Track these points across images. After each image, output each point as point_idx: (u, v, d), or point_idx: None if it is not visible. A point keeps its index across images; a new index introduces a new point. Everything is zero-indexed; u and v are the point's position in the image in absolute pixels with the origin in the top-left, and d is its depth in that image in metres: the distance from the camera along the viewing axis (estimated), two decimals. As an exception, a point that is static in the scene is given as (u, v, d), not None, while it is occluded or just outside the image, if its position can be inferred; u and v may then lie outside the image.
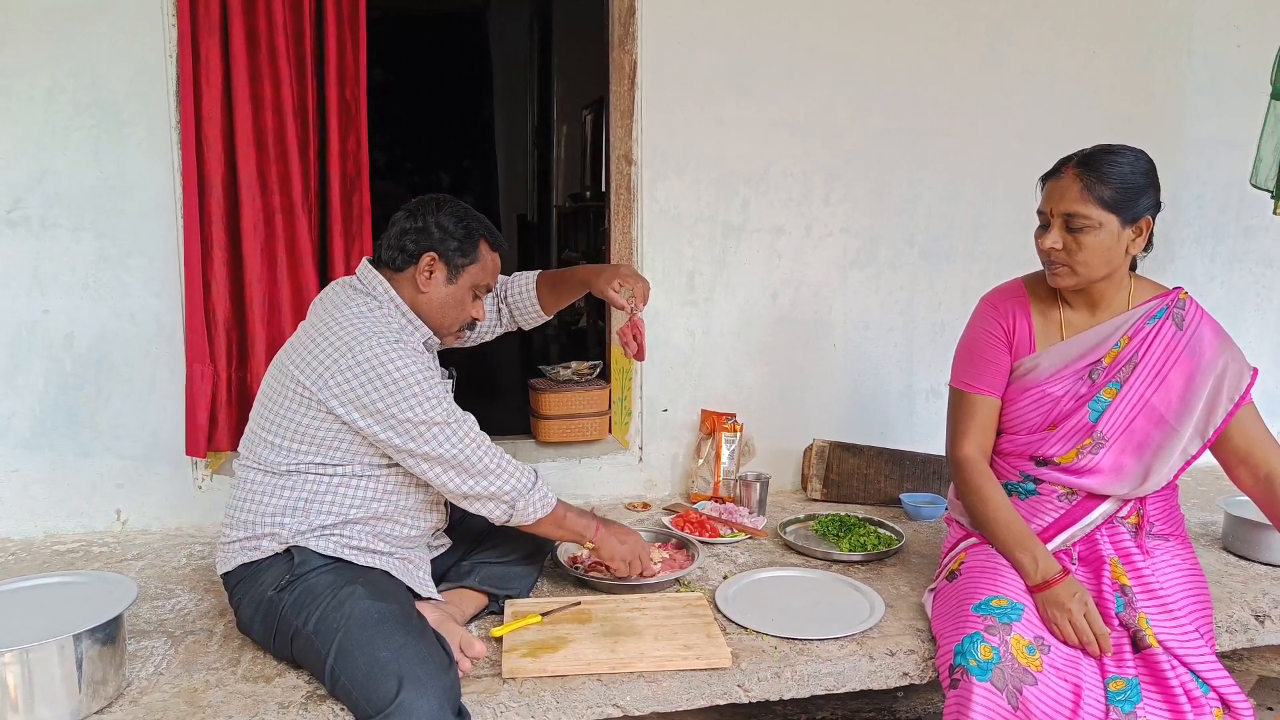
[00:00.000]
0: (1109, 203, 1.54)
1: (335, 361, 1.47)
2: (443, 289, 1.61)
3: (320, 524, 1.53)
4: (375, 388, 1.46)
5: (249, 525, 1.55)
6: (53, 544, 2.13)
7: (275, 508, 1.54)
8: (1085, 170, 1.55)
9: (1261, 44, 2.53)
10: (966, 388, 1.74)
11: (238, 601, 1.57)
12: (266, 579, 1.51)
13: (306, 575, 1.49)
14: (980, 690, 1.38)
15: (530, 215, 6.08)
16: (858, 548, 2.04)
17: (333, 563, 1.52)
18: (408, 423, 1.47)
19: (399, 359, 1.47)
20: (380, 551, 1.58)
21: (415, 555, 1.65)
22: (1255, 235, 2.86)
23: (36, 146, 2.04)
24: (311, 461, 1.53)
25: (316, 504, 1.54)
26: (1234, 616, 1.79)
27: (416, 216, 1.61)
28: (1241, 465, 1.66)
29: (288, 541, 1.52)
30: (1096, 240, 1.55)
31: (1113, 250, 1.57)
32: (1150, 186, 1.58)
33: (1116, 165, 1.55)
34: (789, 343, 2.57)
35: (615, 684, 1.49)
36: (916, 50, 2.50)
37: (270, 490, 1.54)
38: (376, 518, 1.58)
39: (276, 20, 2.01)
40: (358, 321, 1.51)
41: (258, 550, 1.54)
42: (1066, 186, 1.56)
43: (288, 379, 1.52)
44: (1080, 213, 1.54)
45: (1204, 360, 1.62)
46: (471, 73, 5.99)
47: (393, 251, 1.60)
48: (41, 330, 2.11)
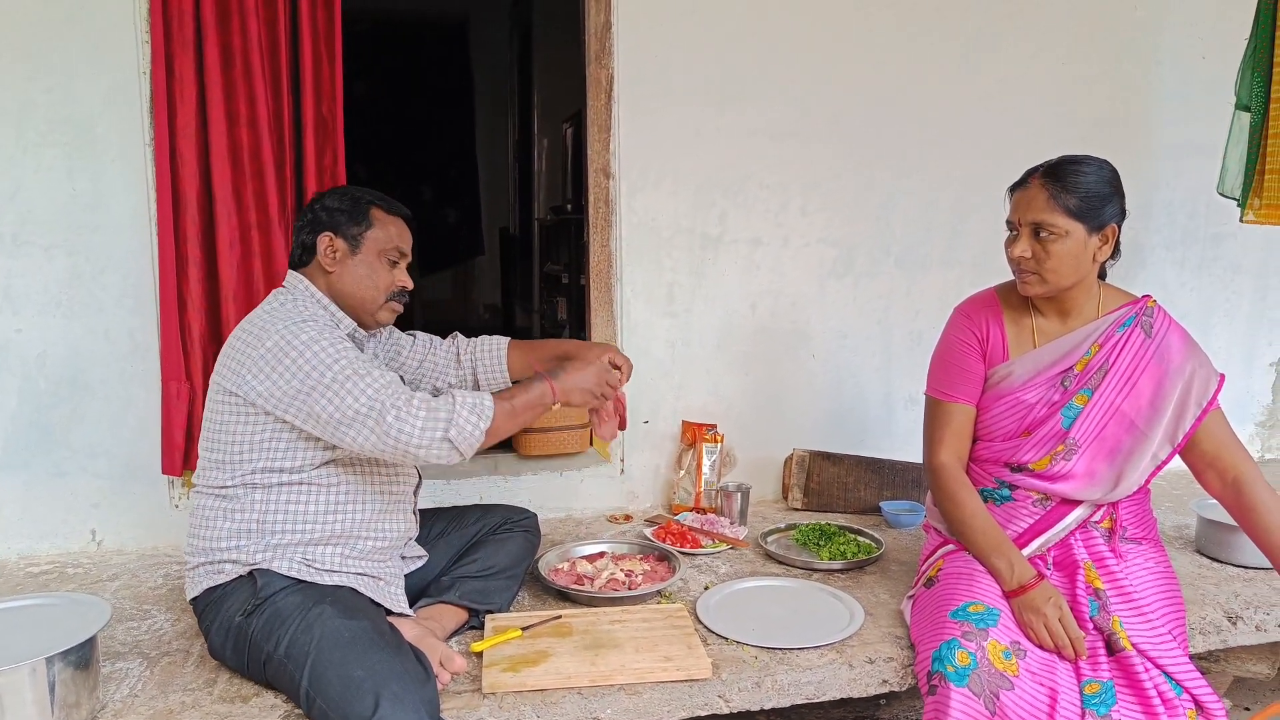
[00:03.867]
0: (1075, 211, 1.57)
1: (247, 354, 1.49)
2: (350, 263, 1.61)
3: (278, 543, 1.52)
4: (283, 362, 1.45)
5: (208, 551, 1.54)
6: (26, 565, 2.10)
7: (230, 531, 1.53)
8: (1051, 180, 1.58)
9: (1226, 54, 2.59)
10: (942, 396, 1.76)
11: (207, 628, 1.55)
12: (232, 604, 1.50)
13: (272, 598, 1.47)
14: (958, 696, 1.39)
15: (512, 228, 6.08)
16: (838, 556, 2.06)
17: (297, 583, 1.50)
18: (319, 385, 1.43)
19: (305, 333, 1.47)
20: (348, 571, 1.56)
21: (387, 571, 1.64)
22: (1223, 242, 2.92)
23: (8, 163, 2.03)
24: (255, 469, 1.52)
25: (269, 523, 1.52)
26: (1207, 618, 1.81)
27: (305, 212, 1.65)
28: (1209, 469, 1.68)
29: (249, 564, 1.51)
30: (1064, 248, 1.58)
31: (1080, 258, 1.60)
32: (1114, 195, 1.61)
33: (1081, 175, 1.58)
34: (768, 353, 2.58)
35: (596, 697, 1.49)
36: (891, 61, 2.53)
37: (222, 514, 1.54)
38: (338, 536, 1.57)
39: (251, 36, 2.01)
40: (269, 315, 1.53)
41: (221, 573, 1.52)
42: (1033, 196, 1.60)
43: (216, 390, 1.55)
44: (1047, 221, 1.57)
45: (1172, 366, 1.65)
46: (452, 86, 6.00)
47: (297, 251, 1.64)
48: (14, 349, 2.09)
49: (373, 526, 1.61)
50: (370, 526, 1.61)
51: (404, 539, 1.71)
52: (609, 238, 2.43)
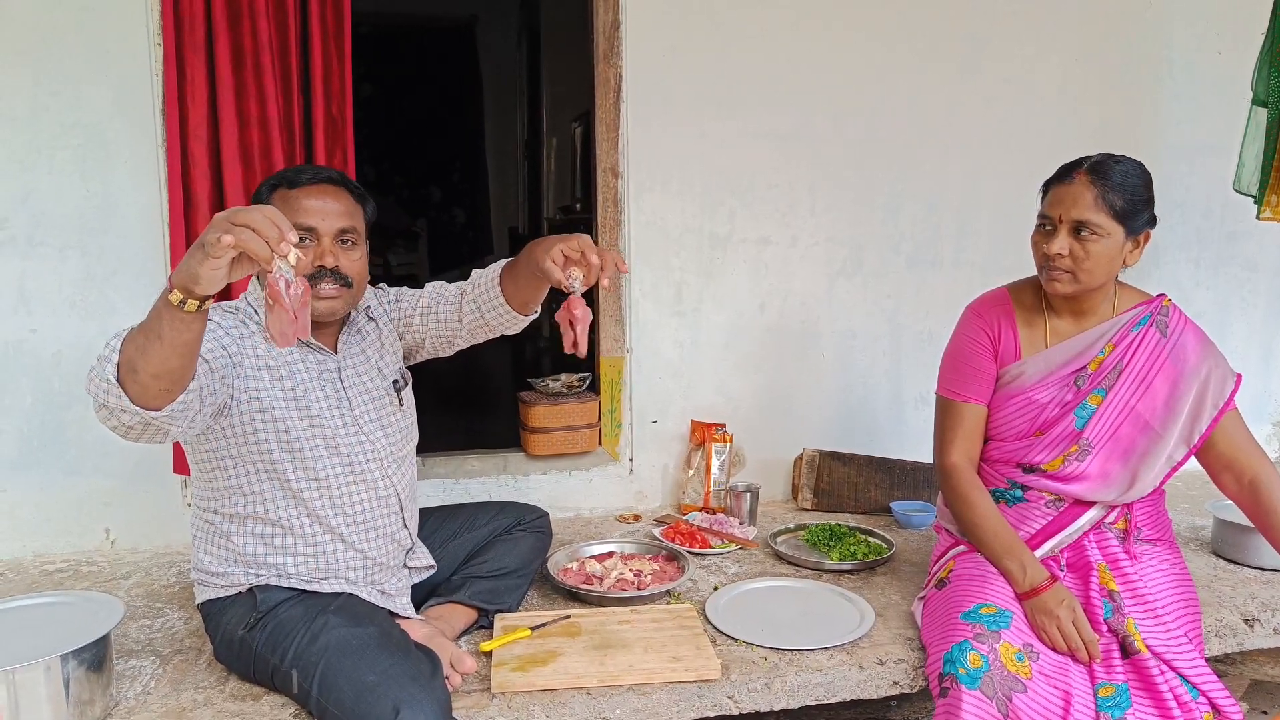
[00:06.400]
0: (1119, 212, 1.54)
1: None
2: None
3: (265, 573, 1.50)
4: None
5: (203, 568, 1.54)
6: (41, 564, 2.12)
7: (218, 558, 1.52)
8: (1099, 178, 1.54)
9: (1241, 50, 2.56)
10: (953, 396, 1.74)
11: (211, 634, 1.55)
12: (233, 617, 1.49)
13: (274, 610, 1.46)
14: (970, 698, 1.38)
15: (521, 227, 6.08)
16: (848, 557, 2.05)
17: (298, 594, 1.49)
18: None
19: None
20: (348, 579, 1.54)
21: (390, 584, 1.61)
22: (1239, 240, 2.89)
23: (21, 166, 2.04)
24: (219, 505, 1.49)
25: (251, 555, 1.49)
26: (1223, 621, 1.79)
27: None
28: (1226, 471, 1.66)
29: (245, 584, 1.50)
30: (1102, 249, 1.55)
31: (1114, 260, 1.58)
32: (1151, 200, 1.60)
33: (1127, 175, 1.55)
34: (777, 352, 2.57)
35: (604, 697, 1.49)
36: (897, 60, 2.52)
37: (211, 540, 1.52)
38: (321, 563, 1.52)
39: (262, 37, 2.02)
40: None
41: (219, 589, 1.52)
42: (1079, 193, 1.55)
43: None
44: (1092, 220, 1.54)
45: (1187, 367, 1.63)
46: (461, 86, 6.01)
47: None
48: (28, 349, 2.10)
49: (352, 550, 1.54)
50: (349, 552, 1.54)
51: (396, 555, 1.63)
52: (617, 237, 2.43)
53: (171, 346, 1.10)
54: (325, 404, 1.51)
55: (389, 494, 1.58)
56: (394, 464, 1.60)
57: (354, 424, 1.54)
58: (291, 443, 1.47)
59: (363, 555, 1.56)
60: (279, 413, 1.47)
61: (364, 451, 1.54)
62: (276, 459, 1.47)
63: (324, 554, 1.52)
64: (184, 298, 1.06)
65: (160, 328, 1.09)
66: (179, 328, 1.09)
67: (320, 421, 1.50)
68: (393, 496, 1.59)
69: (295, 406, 1.48)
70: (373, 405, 1.58)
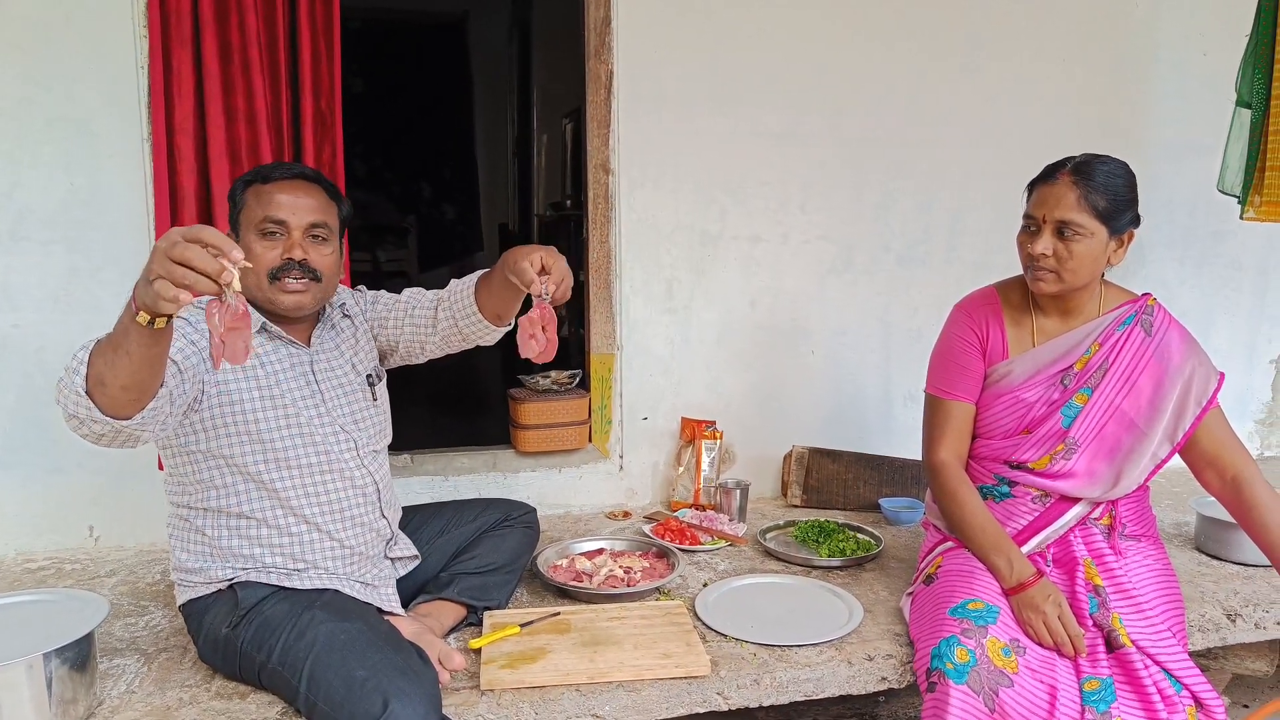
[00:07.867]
0: (1102, 213, 1.55)
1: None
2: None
3: (244, 565, 1.49)
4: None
5: (182, 567, 1.53)
6: (24, 562, 2.10)
7: (195, 554, 1.51)
8: (1082, 179, 1.55)
9: (1227, 51, 2.58)
10: (941, 394, 1.75)
11: (194, 635, 1.54)
12: (216, 616, 1.48)
13: (258, 607, 1.45)
14: (957, 693, 1.39)
15: (512, 224, 6.06)
16: (837, 553, 2.05)
17: (280, 590, 1.48)
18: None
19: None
20: (327, 570, 1.54)
21: (372, 575, 1.60)
22: (1224, 239, 2.91)
23: (6, 160, 2.02)
24: (194, 481, 1.49)
25: (228, 548, 1.49)
26: (1206, 615, 1.81)
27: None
28: (1209, 468, 1.68)
29: (225, 580, 1.49)
30: (1086, 249, 1.56)
31: (1098, 259, 1.59)
32: (1135, 200, 1.61)
33: (1112, 176, 1.56)
34: (768, 350, 2.58)
35: (594, 694, 1.49)
36: (891, 59, 2.53)
37: (186, 537, 1.52)
38: (297, 553, 1.51)
39: (249, 32, 2.00)
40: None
41: (201, 586, 1.51)
42: (1062, 193, 1.56)
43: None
44: (1075, 221, 1.55)
45: (1172, 365, 1.64)
46: (451, 82, 5.99)
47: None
48: (12, 344, 2.08)
49: (329, 540, 1.54)
50: (326, 541, 1.53)
51: (375, 545, 1.61)
52: (608, 234, 2.43)
53: (141, 360, 1.11)
54: (298, 395, 1.52)
55: (365, 483, 1.58)
56: (370, 455, 1.60)
57: (328, 415, 1.55)
58: (262, 435, 1.47)
59: (340, 544, 1.55)
60: (249, 405, 1.47)
61: (339, 442, 1.55)
62: (243, 451, 1.46)
63: (301, 543, 1.52)
64: (151, 317, 1.06)
65: (128, 344, 1.09)
66: (146, 342, 1.09)
67: (293, 412, 1.50)
68: (370, 486, 1.59)
69: (267, 398, 1.48)
70: (346, 399, 1.59)
